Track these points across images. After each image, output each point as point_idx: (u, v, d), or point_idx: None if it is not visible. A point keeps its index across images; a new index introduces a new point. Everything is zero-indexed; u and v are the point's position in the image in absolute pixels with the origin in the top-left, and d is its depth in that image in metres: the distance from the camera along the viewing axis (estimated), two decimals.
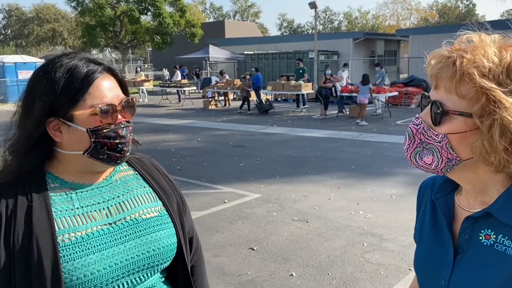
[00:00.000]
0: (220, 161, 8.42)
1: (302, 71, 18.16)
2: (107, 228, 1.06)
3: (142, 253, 1.08)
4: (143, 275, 1.09)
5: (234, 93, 20.45)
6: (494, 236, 0.87)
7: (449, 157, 0.86)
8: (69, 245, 0.99)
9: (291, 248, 4.41)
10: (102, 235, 1.04)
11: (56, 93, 1.00)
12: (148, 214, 1.13)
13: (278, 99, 19.96)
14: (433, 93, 0.88)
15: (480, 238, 0.89)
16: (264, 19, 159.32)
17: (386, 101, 14.62)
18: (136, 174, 1.20)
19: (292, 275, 3.86)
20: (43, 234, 0.97)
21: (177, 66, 24.47)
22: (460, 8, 68.03)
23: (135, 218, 1.11)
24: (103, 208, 1.09)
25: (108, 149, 1.04)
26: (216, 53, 27.67)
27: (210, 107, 18.44)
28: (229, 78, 21.71)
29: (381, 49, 30.96)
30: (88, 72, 1.02)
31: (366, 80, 13.15)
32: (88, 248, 1.01)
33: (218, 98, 19.59)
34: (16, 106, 1.07)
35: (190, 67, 29.67)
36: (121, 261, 1.04)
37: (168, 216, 1.17)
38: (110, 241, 1.05)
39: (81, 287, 0.98)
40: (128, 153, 1.10)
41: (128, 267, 1.05)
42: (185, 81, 22.30)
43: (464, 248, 0.91)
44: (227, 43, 33.50)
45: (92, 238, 1.03)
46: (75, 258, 0.98)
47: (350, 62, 23.07)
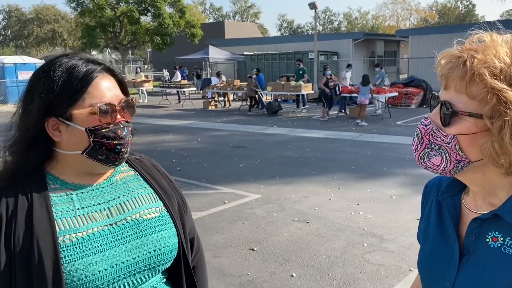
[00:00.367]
0: (220, 162, 8.41)
1: (302, 72, 18.17)
2: (108, 229, 1.06)
3: (143, 254, 1.07)
4: (145, 276, 1.09)
5: (234, 94, 20.45)
6: (502, 239, 0.86)
7: (458, 159, 0.85)
8: (70, 246, 0.99)
9: (291, 249, 4.41)
10: (103, 236, 1.04)
11: (55, 92, 1.00)
12: (149, 215, 1.13)
13: (278, 100, 19.95)
14: (443, 93, 0.87)
15: (487, 240, 0.88)
16: (264, 20, 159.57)
17: (386, 102, 14.63)
18: (137, 175, 1.20)
19: (293, 276, 3.86)
20: (44, 235, 0.96)
21: (177, 67, 24.48)
22: (460, 9, 68.08)
23: (136, 219, 1.11)
24: (104, 209, 1.08)
25: (107, 150, 1.04)
26: (216, 54, 27.69)
27: (210, 108, 18.44)
28: (228, 79, 21.71)
29: (381, 50, 30.99)
30: (87, 72, 1.02)
31: (367, 81, 13.15)
32: (89, 249, 1.00)
33: (218, 99, 19.60)
34: (16, 107, 1.07)
35: (190, 68, 29.68)
36: (122, 262, 1.04)
37: (169, 217, 1.16)
38: (111, 242, 1.04)
39: None
40: (127, 155, 1.09)
41: (129, 268, 1.05)
42: (185, 82, 22.30)
43: (470, 250, 0.90)
44: (227, 44, 33.52)
45: (93, 239, 1.02)
46: (76, 259, 0.98)
47: (350, 63, 23.08)
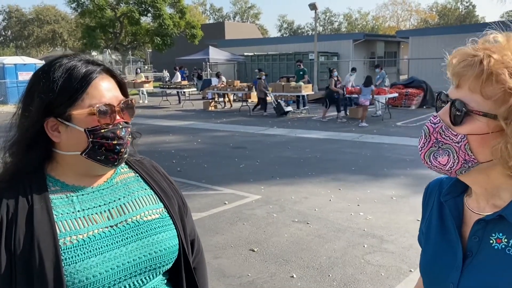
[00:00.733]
0: (220, 163, 8.41)
1: (302, 73, 18.18)
2: (109, 231, 1.06)
3: (144, 255, 1.07)
4: (145, 277, 1.09)
5: (234, 95, 20.47)
6: (506, 240, 0.85)
7: (467, 159, 0.83)
8: (71, 248, 0.99)
9: (292, 250, 4.40)
10: (104, 238, 1.04)
11: (54, 92, 1.00)
12: (150, 216, 1.13)
13: (278, 101, 19.95)
14: (454, 92, 0.85)
15: (491, 242, 0.87)
16: (264, 21, 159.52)
17: (386, 103, 14.64)
18: (137, 176, 1.20)
19: (293, 277, 3.85)
20: (45, 237, 0.96)
21: (177, 68, 24.49)
22: (460, 10, 68.10)
23: (137, 220, 1.11)
24: (104, 211, 1.08)
25: (106, 150, 1.04)
26: (216, 55, 27.72)
27: (210, 109, 18.44)
28: (228, 80, 21.72)
29: (381, 51, 31.02)
30: (87, 72, 1.02)
31: (369, 82, 13.16)
32: (90, 251, 1.00)
33: (218, 100, 19.60)
34: (16, 107, 1.07)
35: (190, 69, 29.69)
36: (123, 264, 1.04)
37: (170, 218, 1.16)
38: (112, 244, 1.04)
39: None
40: (126, 155, 1.09)
41: (130, 269, 1.05)
42: (185, 83, 22.30)
43: (474, 252, 0.89)
44: (227, 45, 33.54)
45: (94, 241, 1.02)
46: (77, 261, 0.98)
47: (350, 64, 23.10)
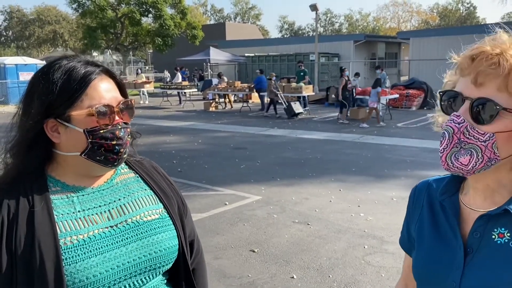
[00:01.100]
0: (221, 163, 8.41)
1: (303, 73, 18.19)
2: (108, 231, 1.06)
3: (144, 256, 1.08)
4: (145, 278, 1.10)
5: (235, 95, 20.49)
6: (509, 235, 0.86)
7: (491, 157, 0.84)
8: (71, 248, 0.99)
9: (292, 251, 4.40)
10: (104, 238, 1.05)
11: (54, 93, 1.01)
12: (149, 217, 1.13)
13: (279, 101, 19.94)
14: (474, 91, 0.84)
15: (493, 237, 0.88)
16: (265, 21, 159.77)
17: (387, 104, 14.64)
18: (137, 177, 1.21)
19: (293, 278, 3.85)
20: (45, 238, 0.97)
21: (178, 68, 24.50)
22: (461, 11, 68.11)
23: (136, 221, 1.11)
24: (104, 211, 1.09)
25: (105, 150, 1.04)
26: (217, 55, 27.71)
27: (211, 109, 18.46)
28: (229, 81, 21.74)
29: (382, 52, 31.01)
30: (86, 73, 1.03)
31: (376, 84, 13.23)
32: (90, 251, 1.01)
33: (219, 100, 19.61)
34: (17, 108, 1.07)
35: (191, 69, 29.70)
36: (123, 264, 1.04)
37: (169, 219, 1.17)
38: (112, 244, 1.05)
39: None
40: (125, 155, 1.10)
41: (130, 270, 1.06)
42: (186, 83, 22.32)
43: (474, 248, 0.90)
44: (228, 45, 33.55)
45: (94, 241, 1.03)
46: (77, 261, 0.99)
47: (351, 65, 23.14)
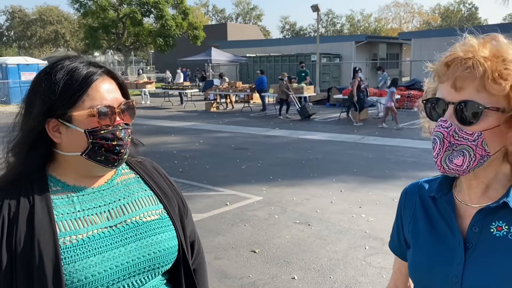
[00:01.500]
0: (222, 164, 8.42)
1: (304, 74, 18.20)
2: (108, 231, 1.07)
3: (143, 256, 1.08)
4: (144, 278, 1.10)
5: (236, 96, 20.50)
6: (507, 227, 0.89)
7: (483, 154, 0.87)
8: (70, 248, 1.00)
9: (293, 251, 4.40)
10: (103, 238, 1.05)
11: (55, 94, 1.01)
12: (149, 217, 1.14)
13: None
14: (455, 95, 0.87)
15: (492, 231, 0.91)
16: (266, 22, 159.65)
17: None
18: (138, 177, 1.21)
19: (294, 278, 3.85)
20: (45, 237, 0.97)
21: (184, 69, 24.49)
22: (463, 12, 68.04)
23: (136, 221, 1.11)
24: (104, 211, 1.09)
25: (106, 151, 1.05)
26: (218, 56, 27.72)
27: (212, 110, 18.47)
28: (230, 81, 21.75)
29: (383, 52, 30.99)
30: (88, 74, 1.03)
31: (392, 84, 13.29)
32: (89, 251, 1.01)
33: (220, 101, 19.62)
34: (19, 108, 1.08)
35: (193, 69, 29.71)
36: (122, 263, 1.05)
37: (169, 219, 1.17)
38: (111, 244, 1.05)
39: None
40: (126, 156, 1.10)
41: (129, 269, 1.06)
42: (187, 83, 22.33)
43: (474, 243, 0.92)
44: (230, 46, 33.55)
45: (93, 241, 1.03)
46: (76, 260, 0.99)
47: (352, 65, 23.08)
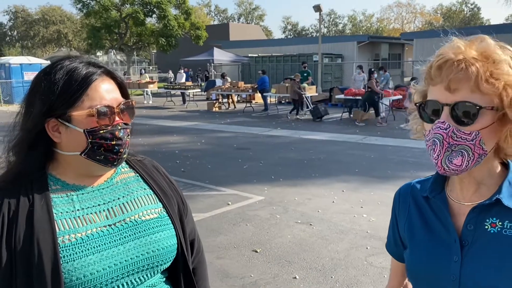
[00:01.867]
0: (224, 163, 8.42)
1: (307, 74, 18.19)
2: (107, 230, 1.07)
3: (142, 254, 1.08)
4: (143, 276, 1.10)
5: (238, 96, 20.50)
6: (500, 223, 0.91)
7: (481, 153, 0.88)
8: (69, 246, 1.00)
9: (295, 251, 4.40)
10: (102, 236, 1.05)
11: (55, 94, 1.02)
12: (148, 216, 1.14)
13: (282, 102, 19.99)
14: (449, 96, 0.88)
15: (486, 227, 0.92)
16: (269, 22, 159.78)
17: (390, 105, 14.61)
18: (137, 176, 1.21)
19: (295, 278, 3.85)
20: (44, 235, 0.98)
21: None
22: (465, 12, 67.86)
23: (135, 220, 1.12)
24: (103, 210, 1.09)
25: (105, 150, 1.05)
26: (221, 56, 27.73)
27: (214, 110, 18.48)
28: (232, 81, 21.77)
29: (385, 53, 30.94)
30: (87, 74, 1.04)
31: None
32: (88, 249, 1.02)
33: (222, 101, 19.63)
34: (20, 107, 1.09)
35: (195, 69, 29.73)
36: (121, 262, 1.05)
37: (168, 218, 1.17)
38: (110, 242, 1.06)
39: (81, 287, 0.99)
40: (125, 155, 1.11)
41: (128, 268, 1.06)
42: (189, 83, 22.35)
43: (469, 240, 0.94)
44: (232, 46, 33.54)
45: (92, 239, 1.04)
46: (75, 259, 0.99)
47: (354, 65, 23.05)
